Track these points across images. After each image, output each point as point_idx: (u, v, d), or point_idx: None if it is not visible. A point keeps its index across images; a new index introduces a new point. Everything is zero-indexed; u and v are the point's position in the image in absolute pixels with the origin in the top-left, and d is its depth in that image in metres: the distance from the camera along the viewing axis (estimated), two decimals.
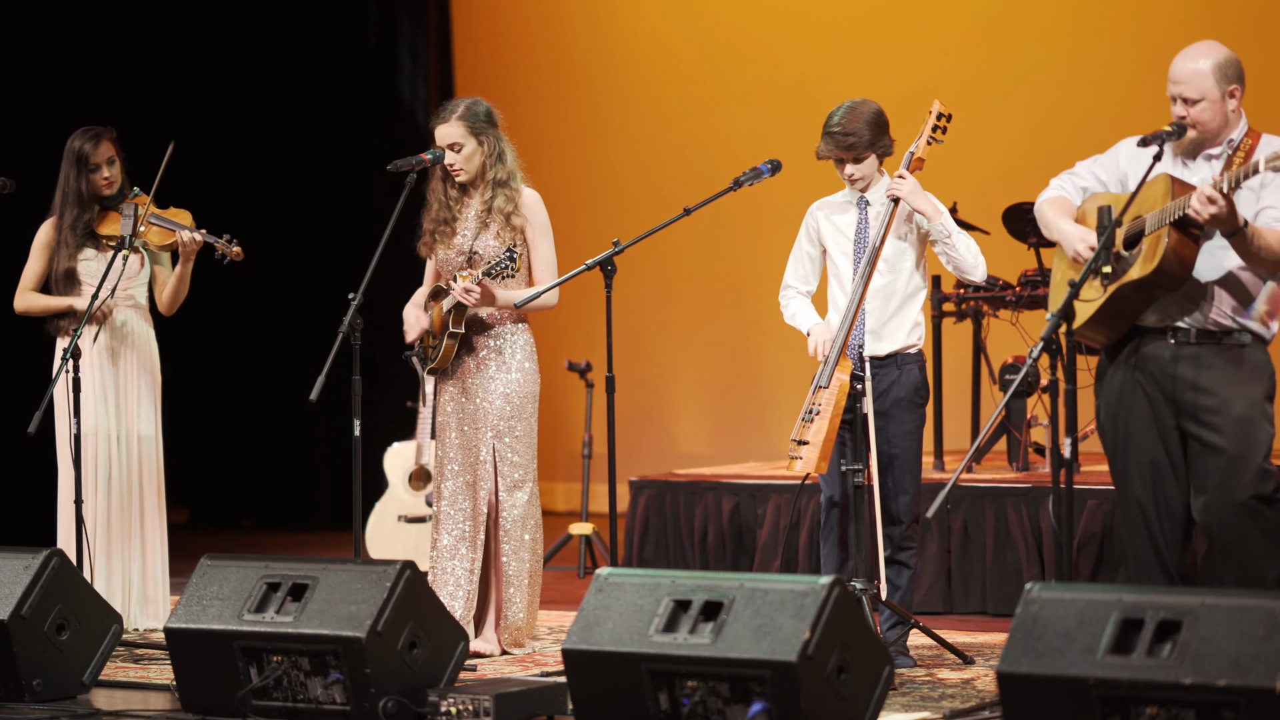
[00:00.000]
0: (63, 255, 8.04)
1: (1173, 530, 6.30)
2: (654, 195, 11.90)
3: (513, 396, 7.38)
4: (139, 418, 8.06)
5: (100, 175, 8.03)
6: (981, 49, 11.56)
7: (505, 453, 7.36)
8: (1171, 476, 6.29)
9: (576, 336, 11.74)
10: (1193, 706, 4.80)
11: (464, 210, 7.46)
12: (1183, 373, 6.22)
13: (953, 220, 6.97)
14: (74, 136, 8.06)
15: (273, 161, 12.58)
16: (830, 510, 7.03)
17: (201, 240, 7.93)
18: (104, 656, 6.63)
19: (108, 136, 8.07)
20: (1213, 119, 6.13)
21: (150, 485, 8.10)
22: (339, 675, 5.90)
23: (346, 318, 6.92)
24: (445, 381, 7.49)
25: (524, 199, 7.41)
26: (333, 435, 12.26)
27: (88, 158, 8.02)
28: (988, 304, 9.43)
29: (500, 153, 7.40)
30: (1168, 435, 6.28)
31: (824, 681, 5.33)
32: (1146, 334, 6.27)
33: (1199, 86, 6.11)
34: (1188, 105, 6.12)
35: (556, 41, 12.79)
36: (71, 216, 8.03)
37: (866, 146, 6.96)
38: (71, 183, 8.03)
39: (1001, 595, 8.45)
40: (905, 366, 7.03)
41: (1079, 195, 6.43)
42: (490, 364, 7.41)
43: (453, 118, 7.38)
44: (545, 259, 7.42)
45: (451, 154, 7.37)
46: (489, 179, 7.39)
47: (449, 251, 7.44)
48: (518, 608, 7.35)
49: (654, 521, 9.30)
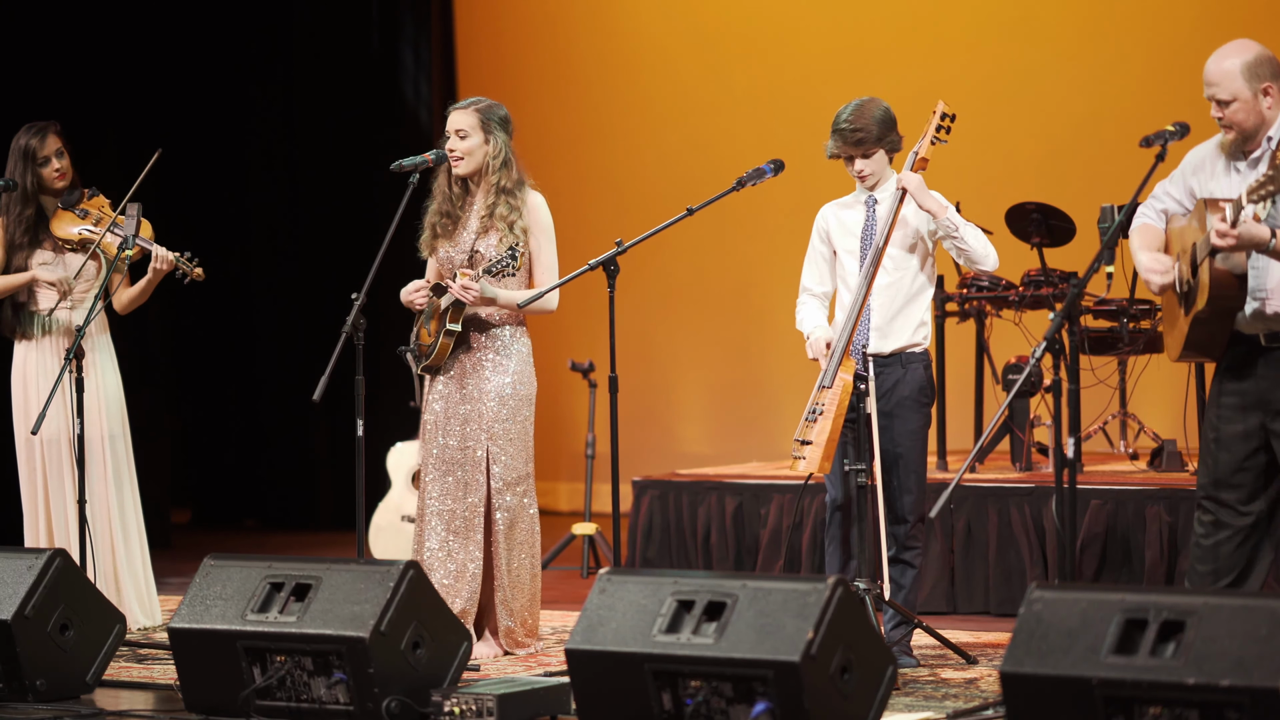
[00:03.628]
0: (18, 256, 8.03)
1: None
2: (656, 195, 11.89)
3: (508, 399, 7.35)
4: (107, 417, 8.06)
5: (51, 168, 8.03)
6: (985, 49, 11.55)
7: (499, 454, 7.33)
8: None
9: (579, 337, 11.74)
10: (1196, 707, 4.79)
11: (467, 209, 7.44)
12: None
13: (958, 215, 6.97)
14: (20, 133, 8.07)
15: (276, 161, 12.58)
16: (834, 510, 7.03)
17: (174, 260, 7.90)
18: (107, 656, 6.63)
19: (53, 130, 8.08)
20: (1247, 119, 6.12)
21: (126, 484, 8.10)
22: (342, 675, 5.90)
23: (350, 318, 6.92)
24: (437, 380, 7.45)
25: (529, 202, 7.40)
26: (336, 435, 12.26)
27: (35, 152, 8.02)
28: (991, 304, 9.43)
29: (507, 159, 7.36)
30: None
31: (827, 681, 5.33)
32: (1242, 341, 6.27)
33: (1230, 88, 6.10)
34: (1222, 107, 6.13)
35: (559, 42, 12.79)
36: (18, 213, 8.02)
37: (875, 142, 6.96)
38: (19, 179, 8.02)
39: (1004, 595, 8.45)
40: (910, 366, 7.02)
41: (1160, 220, 6.42)
42: (486, 365, 7.37)
43: (470, 107, 7.38)
44: (547, 263, 7.40)
45: (455, 139, 7.34)
46: (494, 183, 7.36)
47: (451, 249, 7.42)
48: (516, 608, 7.34)
49: (657, 522, 9.29)
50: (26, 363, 8.07)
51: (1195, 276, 6.14)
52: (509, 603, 7.33)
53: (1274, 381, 6.19)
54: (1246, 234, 5.90)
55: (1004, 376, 9.40)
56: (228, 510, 12.77)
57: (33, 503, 8.03)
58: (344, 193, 12.28)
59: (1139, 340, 9.17)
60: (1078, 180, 10.91)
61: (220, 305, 12.28)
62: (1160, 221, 6.40)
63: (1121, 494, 8.40)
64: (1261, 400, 6.20)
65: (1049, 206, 9.51)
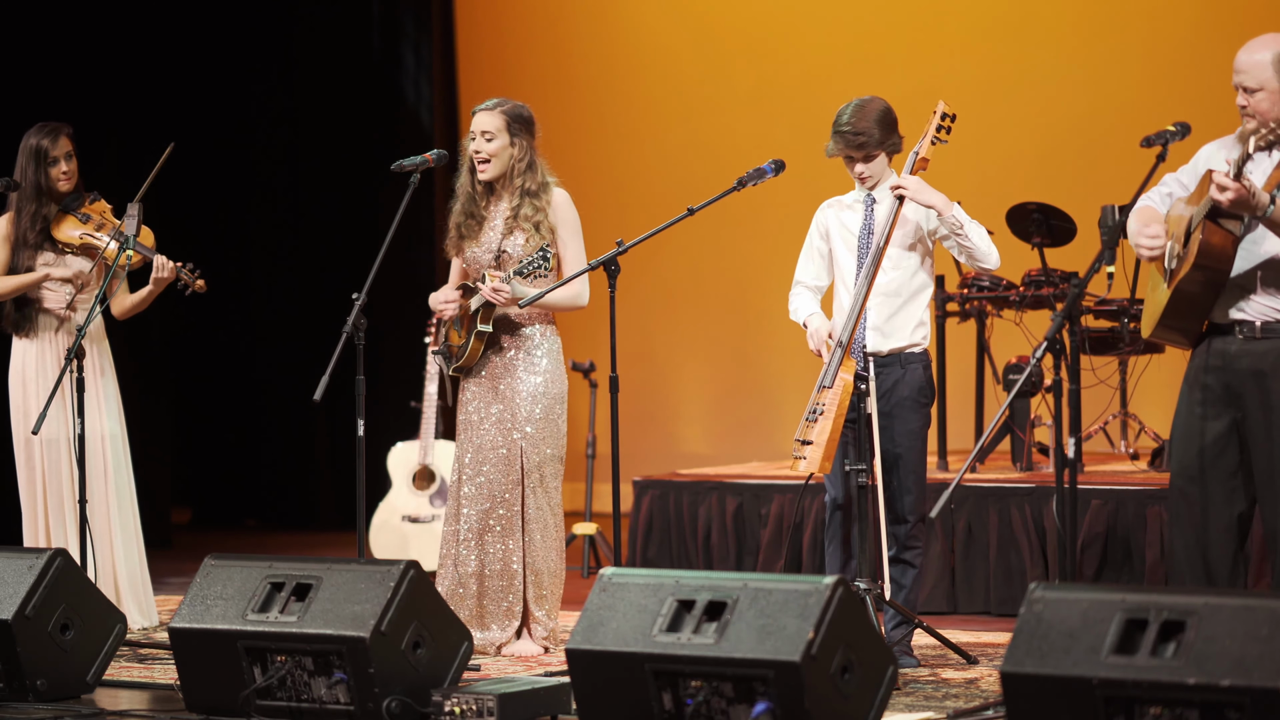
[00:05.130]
0: (23, 255, 8.03)
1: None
2: (657, 195, 11.90)
3: (540, 397, 7.36)
4: (106, 417, 8.06)
5: (59, 169, 8.03)
6: (985, 49, 11.56)
7: (533, 453, 7.33)
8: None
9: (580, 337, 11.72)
10: (1197, 707, 4.79)
11: (492, 209, 7.42)
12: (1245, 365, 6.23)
13: (963, 211, 6.96)
14: (31, 132, 8.06)
15: (276, 161, 12.58)
16: (835, 510, 7.03)
17: (175, 269, 7.89)
18: (108, 656, 6.63)
19: (65, 132, 8.07)
20: (1271, 108, 6.16)
21: (125, 485, 8.10)
22: (343, 675, 5.90)
23: (350, 318, 6.92)
24: (469, 381, 7.46)
25: (554, 200, 7.39)
26: (336, 435, 12.26)
27: (46, 152, 8.02)
28: (991, 304, 9.43)
29: (532, 162, 7.35)
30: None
31: (828, 681, 5.33)
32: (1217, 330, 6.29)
33: (1258, 76, 6.16)
34: (1248, 94, 6.18)
35: (560, 41, 12.79)
36: (29, 211, 8.02)
37: (876, 144, 6.96)
38: (30, 177, 8.02)
39: (1005, 595, 8.45)
40: (909, 366, 7.02)
41: (1164, 203, 6.44)
42: (518, 365, 7.38)
43: (497, 109, 7.37)
44: (575, 259, 7.37)
45: (482, 141, 7.33)
46: (518, 186, 7.35)
47: (477, 249, 7.41)
48: (552, 607, 7.36)
49: (658, 521, 9.30)
50: (26, 361, 8.07)
51: (1186, 246, 6.16)
52: (546, 600, 7.34)
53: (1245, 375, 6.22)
54: (1247, 189, 5.92)
55: (1005, 376, 9.40)
56: (228, 510, 12.77)
57: (31, 502, 8.03)
58: (345, 193, 12.28)
59: (1140, 340, 9.17)
60: (1078, 180, 10.91)
61: (221, 305, 12.27)
62: (1163, 205, 6.41)
63: (1122, 494, 8.40)
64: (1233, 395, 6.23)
65: (1050, 206, 9.51)
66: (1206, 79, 9.00)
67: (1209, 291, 6.19)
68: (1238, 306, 6.21)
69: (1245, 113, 6.20)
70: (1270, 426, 6.17)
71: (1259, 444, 6.20)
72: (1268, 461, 6.19)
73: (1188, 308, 6.23)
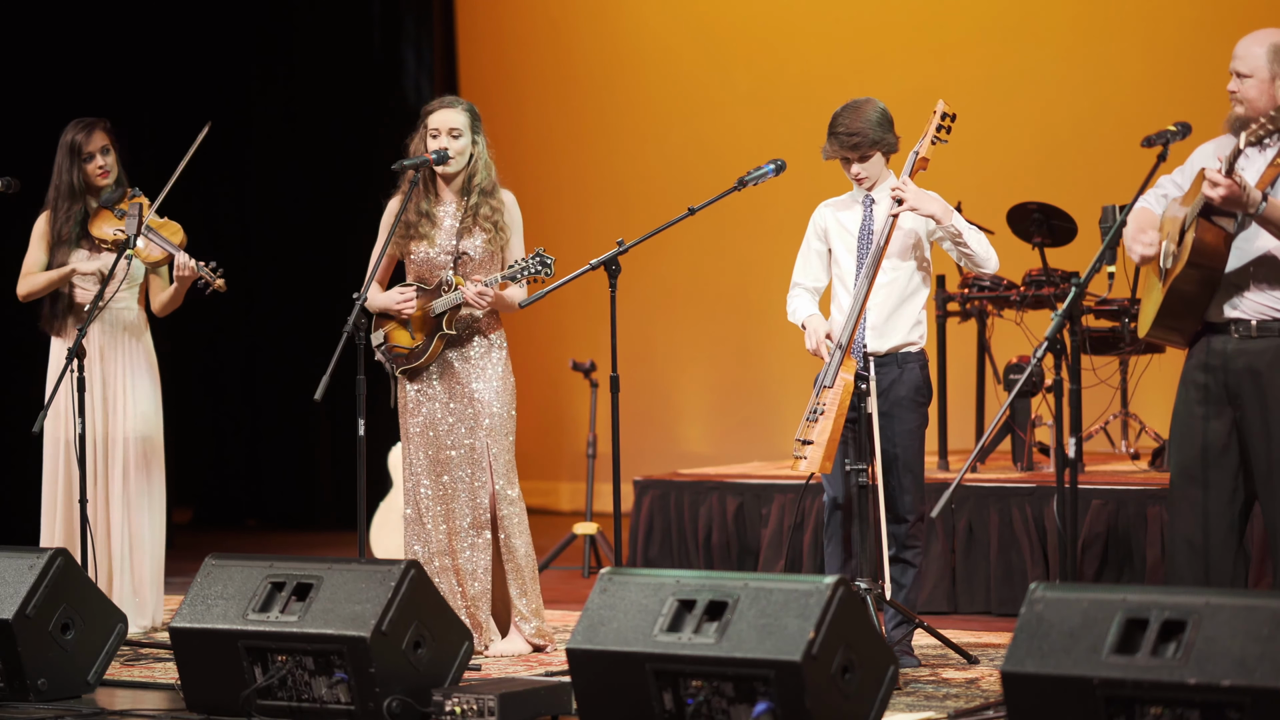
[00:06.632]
0: (60, 252, 8.03)
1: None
2: (658, 195, 11.90)
3: (500, 394, 7.38)
4: (140, 417, 8.05)
5: (95, 165, 8.02)
6: (985, 49, 11.56)
7: (499, 451, 7.35)
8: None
9: (581, 336, 11.75)
10: (1197, 707, 4.79)
11: (438, 210, 7.43)
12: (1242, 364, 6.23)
13: (962, 218, 6.97)
14: (67, 128, 8.05)
15: (277, 161, 12.58)
16: (834, 510, 7.03)
17: (195, 268, 7.89)
18: (108, 656, 6.64)
19: (101, 126, 8.06)
20: (1259, 97, 6.17)
21: (157, 483, 8.10)
22: (343, 675, 5.90)
23: (351, 317, 6.92)
24: (417, 381, 7.44)
25: (506, 200, 7.44)
26: (337, 435, 12.27)
27: (81, 147, 8.01)
28: (992, 304, 9.43)
29: (486, 161, 7.41)
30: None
31: (828, 681, 5.33)
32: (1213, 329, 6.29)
33: (1251, 63, 6.19)
34: (1240, 80, 6.21)
35: (561, 42, 12.79)
36: (65, 208, 8.02)
37: (872, 145, 6.96)
38: (65, 174, 8.02)
39: (1006, 595, 8.46)
40: (907, 365, 7.02)
41: (1160, 205, 6.44)
42: (482, 364, 7.39)
43: (459, 107, 7.40)
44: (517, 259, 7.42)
45: (448, 138, 7.36)
46: (475, 184, 7.38)
47: (430, 250, 7.40)
48: (535, 603, 7.37)
49: (658, 521, 9.30)
50: (62, 361, 8.04)
51: (1180, 245, 6.16)
52: (527, 596, 7.35)
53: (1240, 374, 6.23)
54: (1239, 186, 5.93)
55: (1005, 376, 9.40)
56: (229, 510, 12.78)
57: (51, 501, 8.00)
58: (345, 192, 12.28)
59: (1140, 340, 9.17)
60: (1078, 180, 10.92)
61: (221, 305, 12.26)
62: (1159, 207, 6.42)
63: (1123, 494, 8.40)
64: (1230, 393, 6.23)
65: (1050, 206, 9.51)
66: (1206, 79, 8.99)
67: (1204, 290, 6.19)
68: (1232, 304, 6.21)
69: (1235, 98, 6.22)
70: (1268, 424, 6.18)
71: (1257, 442, 6.20)
72: (1266, 459, 6.19)
73: (1183, 306, 6.24)
